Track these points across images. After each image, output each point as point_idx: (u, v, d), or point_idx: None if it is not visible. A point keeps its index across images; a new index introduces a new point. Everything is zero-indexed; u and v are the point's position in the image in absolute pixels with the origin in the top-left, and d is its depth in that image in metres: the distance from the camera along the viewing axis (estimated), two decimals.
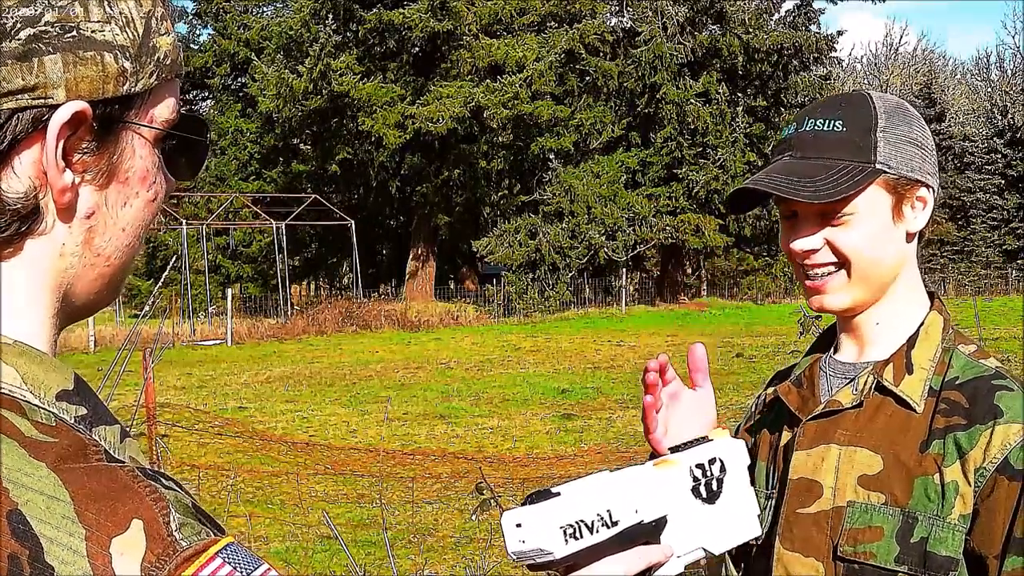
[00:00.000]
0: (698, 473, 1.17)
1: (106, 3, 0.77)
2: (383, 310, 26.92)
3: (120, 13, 0.77)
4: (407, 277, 31.83)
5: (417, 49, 29.76)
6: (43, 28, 0.74)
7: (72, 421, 0.74)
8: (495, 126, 28.52)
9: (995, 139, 38.79)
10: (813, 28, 33.53)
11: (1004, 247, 37.63)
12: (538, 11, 29.66)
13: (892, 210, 1.44)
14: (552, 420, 12.19)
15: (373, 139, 29.18)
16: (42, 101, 0.74)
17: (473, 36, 28.48)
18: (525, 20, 29.55)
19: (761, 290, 32.23)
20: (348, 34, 29.43)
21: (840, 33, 34.16)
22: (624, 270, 30.89)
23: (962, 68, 58.63)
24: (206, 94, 37.69)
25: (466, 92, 27.99)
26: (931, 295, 1.53)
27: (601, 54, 30.72)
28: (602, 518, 1.03)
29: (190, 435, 10.41)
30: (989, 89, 46.96)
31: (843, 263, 1.44)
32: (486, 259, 31.22)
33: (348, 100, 28.11)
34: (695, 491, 1.16)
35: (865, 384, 1.46)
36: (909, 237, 1.47)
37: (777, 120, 32.07)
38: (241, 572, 0.69)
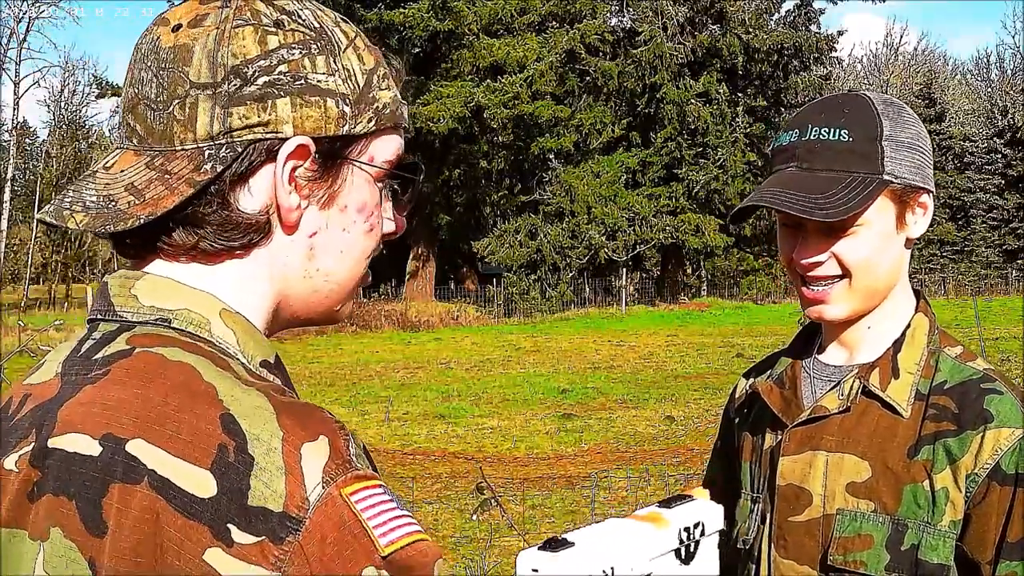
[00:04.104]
0: (684, 536, 1.29)
1: (331, 59, 0.94)
2: (383, 310, 26.91)
3: (343, 67, 0.94)
4: (407, 277, 31.82)
5: (418, 49, 29.75)
6: (276, 76, 0.91)
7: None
8: (495, 126, 28.51)
9: (995, 139, 38.78)
10: (813, 28, 33.54)
11: (1004, 247, 37.61)
12: (538, 11, 29.66)
13: (896, 219, 1.43)
14: (552, 420, 12.19)
15: None
16: (274, 135, 0.91)
17: (474, 36, 28.48)
18: (525, 20, 29.55)
19: (761, 290, 32.21)
20: None
21: (840, 33, 34.19)
22: (624, 270, 30.89)
23: (962, 68, 58.68)
24: None
25: (466, 92, 27.99)
26: (916, 293, 1.52)
27: (601, 54, 30.72)
28: (606, 574, 1.15)
29: None
30: (989, 89, 46.98)
31: (845, 274, 1.42)
32: (486, 259, 31.22)
33: None
34: (677, 552, 1.28)
35: (851, 389, 1.44)
36: (908, 243, 1.46)
37: (777, 120, 32.06)
38: (397, 506, 0.83)
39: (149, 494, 0.80)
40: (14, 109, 43.92)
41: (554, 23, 30.12)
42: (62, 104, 50.13)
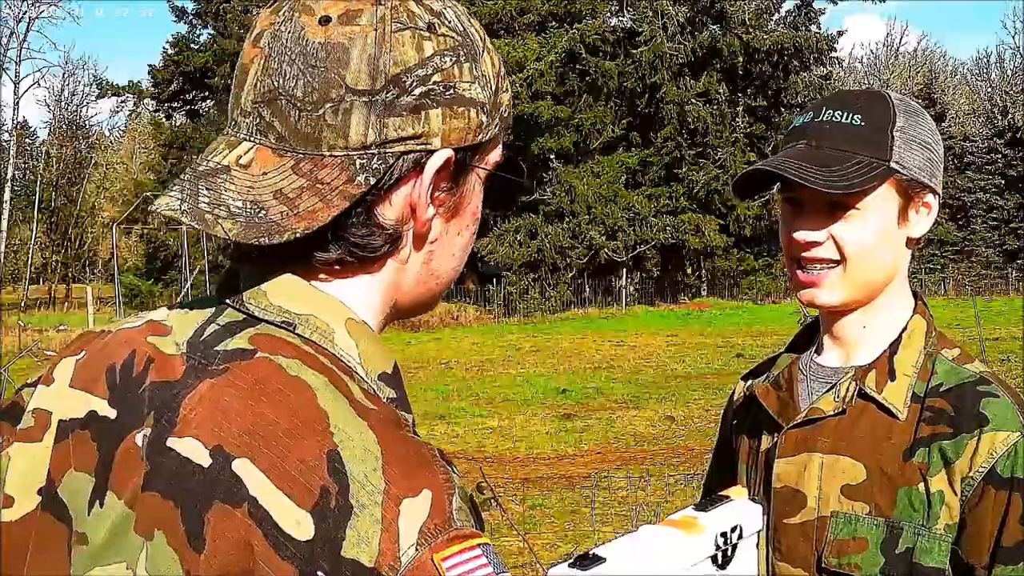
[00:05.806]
0: (720, 541, 1.25)
1: (474, 65, 0.91)
2: None
3: (483, 74, 0.92)
4: None
5: None
6: (431, 86, 0.88)
7: (384, 400, 0.90)
8: None
9: (995, 139, 38.80)
10: (813, 28, 33.56)
11: (1004, 247, 37.64)
12: (538, 11, 29.71)
13: (899, 213, 1.42)
14: (552, 420, 12.20)
15: None
16: (423, 147, 0.89)
17: None
18: (525, 20, 29.60)
19: (761, 290, 32.21)
20: None
21: (840, 33, 34.23)
22: (624, 270, 30.90)
23: (962, 68, 58.65)
24: (206, 94, 37.67)
25: None
26: (915, 295, 1.51)
27: (601, 54, 30.74)
28: None
29: None
30: (989, 89, 47.00)
31: (841, 260, 1.42)
32: (486, 259, 31.24)
33: None
34: (713, 559, 1.24)
35: (847, 391, 1.44)
36: (909, 243, 1.46)
37: (777, 120, 32.06)
38: (495, 569, 0.80)
39: (246, 521, 0.78)
40: (14, 109, 43.96)
41: (554, 23, 30.15)
42: (62, 104, 50.13)
